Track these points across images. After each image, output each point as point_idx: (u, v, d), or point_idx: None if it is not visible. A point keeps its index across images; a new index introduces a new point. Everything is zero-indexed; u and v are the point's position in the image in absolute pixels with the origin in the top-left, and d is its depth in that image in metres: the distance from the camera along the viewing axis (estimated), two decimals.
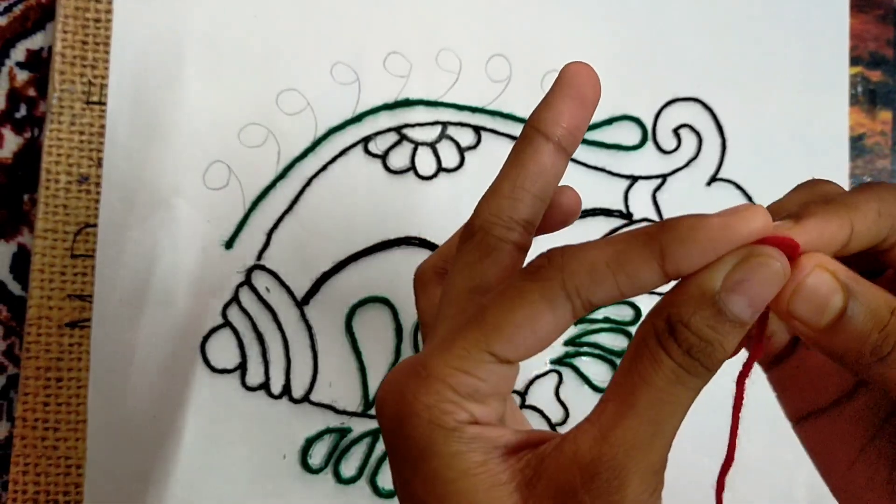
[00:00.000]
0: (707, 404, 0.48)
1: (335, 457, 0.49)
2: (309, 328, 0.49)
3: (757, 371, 0.33)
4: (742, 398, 0.26)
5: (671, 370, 0.23)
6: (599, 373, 0.51)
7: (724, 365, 0.25)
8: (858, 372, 0.25)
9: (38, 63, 0.50)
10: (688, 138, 0.53)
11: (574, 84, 0.27)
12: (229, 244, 0.49)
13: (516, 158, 0.27)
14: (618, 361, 0.51)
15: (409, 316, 0.50)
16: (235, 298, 0.49)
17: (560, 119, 0.27)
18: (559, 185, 0.29)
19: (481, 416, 0.25)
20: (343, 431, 0.49)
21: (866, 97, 0.55)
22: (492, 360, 0.24)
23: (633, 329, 0.51)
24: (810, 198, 0.27)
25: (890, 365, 0.24)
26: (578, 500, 0.23)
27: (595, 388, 0.51)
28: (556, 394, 0.51)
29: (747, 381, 0.27)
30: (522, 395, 0.51)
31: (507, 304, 0.24)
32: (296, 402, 0.49)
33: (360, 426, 0.49)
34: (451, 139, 0.51)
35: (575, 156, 0.51)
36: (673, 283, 0.25)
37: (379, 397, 0.26)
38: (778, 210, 0.28)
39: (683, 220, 0.24)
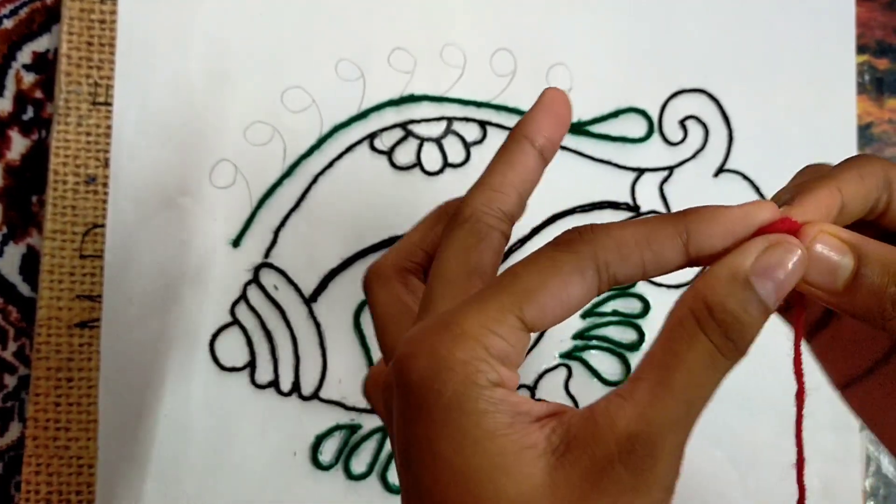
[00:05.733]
0: (716, 400, 0.48)
1: (345, 453, 0.49)
2: (317, 325, 0.49)
3: (765, 366, 0.33)
4: (800, 362, 0.28)
5: (707, 351, 0.24)
6: (609, 366, 0.51)
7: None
8: (885, 328, 0.26)
9: (45, 65, 0.50)
10: (694, 130, 0.52)
11: (553, 104, 0.30)
12: (236, 242, 0.49)
13: (506, 157, 0.30)
14: (627, 354, 0.51)
15: None
16: (243, 297, 0.49)
17: (543, 130, 0.30)
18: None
19: (507, 380, 0.25)
20: (353, 428, 0.49)
21: (873, 85, 0.54)
22: (520, 326, 0.25)
23: (641, 322, 0.51)
24: (802, 181, 0.29)
25: None
26: (615, 472, 0.24)
27: (605, 382, 0.51)
28: (566, 387, 0.51)
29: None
30: (532, 389, 0.51)
31: (541, 273, 0.25)
32: (305, 399, 0.49)
33: (370, 422, 0.49)
34: (457, 134, 0.51)
35: (581, 148, 0.51)
36: (695, 272, 0.26)
37: (402, 353, 0.25)
38: (777, 199, 0.29)
39: (707, 206, 0.26)
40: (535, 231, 0.50)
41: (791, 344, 0.28)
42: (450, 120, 0.51)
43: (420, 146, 0.51)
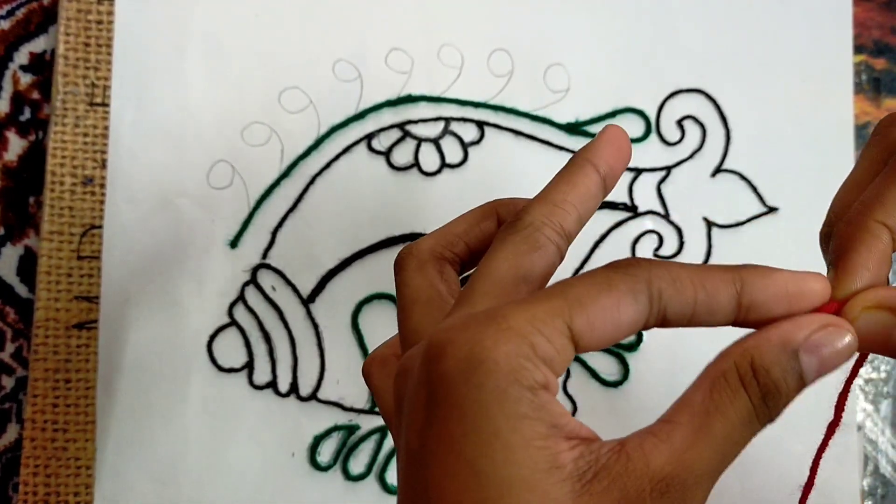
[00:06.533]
0: None
1: (343, 454, 0.49)
2: (315, 326, 0.49)
3: None
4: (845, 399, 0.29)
5: (746, 410, 0.25)
6: (607, 366, 0.51)
7: None
8: None
9: (42, 66, 0.50)
10: (691, 130, 0.52)
11: (617, 139, 0.30)
12: (234, 243, 0.49)
13: (568, 177, 0.29)
14: (625, 355, 0.51)
15: None
16: (241, 297, 0.49)
17: (607, 159, 0.30)
18: None
19: (551, 383, 0.24)
20: (351, 429, 0.49)
21: (871, 85, 0.54)
22: (567, 333, 0.24)
23: None
24: (875, 160, 0.29)
25: None
26: None
27: (602, 382, 0.51)
28: (564, 388, 0.51)
29: None
30: None
31: (595, 286, 0.24)
32: (303, 400, 0.49)
33: (368, 423, 0.49)
34: (454, 135, 0.51)
35: (578, 149, 0.51)
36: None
37: (438, 339, 0.24)
38: (848, 192, 0.30)
39: (764, 266, 0.26)
40: None
41: None
42: (447, 120, 0.51)
43: (418, 146, 0.51)
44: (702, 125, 0.53)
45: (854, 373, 0.28)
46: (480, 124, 0.51)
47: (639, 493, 0.23)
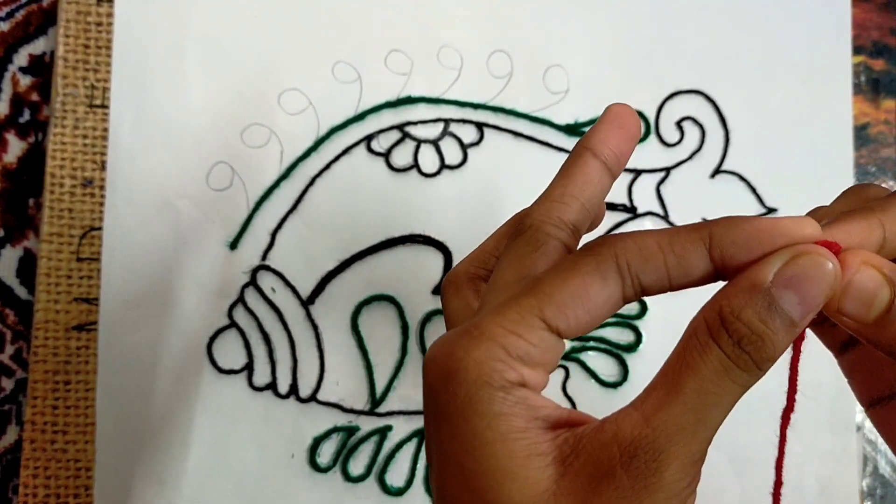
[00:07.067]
0: None
1: (343, 455, 0.49)
2: (315, 327, 0.49)
3: None
4: (797, 372, 0.27)
5: (719, 360, 0.24)
6: (606, 367, 0.51)
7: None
8: None
9: (41, 68, 0.50)
10: (691, 131, 0.53)
11: (619, 117, 0.30)
12: (234, 245, 0.49)
13: (566, 170, 0.29)
14: (624, 356, 0.51)
15: (414, 313, 0.50)
16: (241, 299, 0.49)
17: (607, 142, 0.29)
18: None
19: (530, 379, 0.25)
20: (351, 430, 0.49)
21: (869, 86, 0.54)
22: (543, 326, 0.25)
23: (638, 323, 0.51)
24: (850, 205, 0.28)
25: None
26: (616, 477, 0.23)
27: (602, 383, 0.51)
28: (563, 389, 0.51)
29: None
30: None
31: (561, 275, 0.25)
32: (303, 401, 0.49)
33: (368, 424, 0.49)
34: (454, 136, 0.51)
35: None
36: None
37: (427, 358, 0.26)
38: (817, 217, 0.28)
39: (734, 216, 0.25)
40: None
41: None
42: (447, 122, 0.51)
43: (417, 148, 0.51)
44: (701, 126, 0.53)
45: (797, 345, 0.27)
46: (480, 125, 0.51)
47: (609, 461, 0.24)
